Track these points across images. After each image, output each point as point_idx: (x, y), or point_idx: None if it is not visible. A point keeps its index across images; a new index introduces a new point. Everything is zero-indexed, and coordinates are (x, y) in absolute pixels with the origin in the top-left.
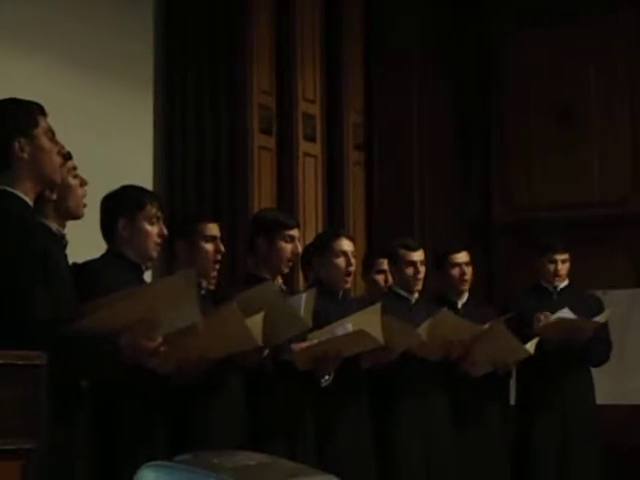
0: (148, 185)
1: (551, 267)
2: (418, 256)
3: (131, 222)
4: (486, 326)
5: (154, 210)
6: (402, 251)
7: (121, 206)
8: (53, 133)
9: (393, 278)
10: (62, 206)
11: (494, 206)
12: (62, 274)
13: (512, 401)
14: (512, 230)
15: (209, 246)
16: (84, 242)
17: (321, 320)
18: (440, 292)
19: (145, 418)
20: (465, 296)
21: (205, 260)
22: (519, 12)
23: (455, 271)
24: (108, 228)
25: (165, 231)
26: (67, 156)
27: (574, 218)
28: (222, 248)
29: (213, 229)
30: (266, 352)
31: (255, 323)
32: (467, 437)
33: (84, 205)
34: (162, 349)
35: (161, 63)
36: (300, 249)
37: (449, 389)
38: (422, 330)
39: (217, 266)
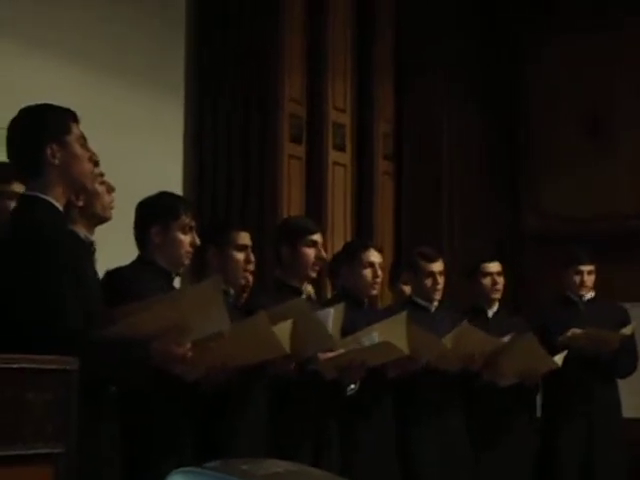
0: (178, 191)
1: (577, 278)
2: (437, 266)
3: (164, 230)
4: (506, 338)
5: (188, 220)
6: (421, 261)
7: (155, 214)
8: (85, 140)
9: (412, 288)
10: (89, 212)
11: (523, 217)
12: (91, 281)
13: (537, 413)
14: (541, 241)
15: (240, 255)
16: (114, 247)
17: (347, 329)
18: (471, 302)
19: (173, 425)
20: (496, 306)
21: (235, 269)
22: (548, 25)
23: (487, 281)
24: (141, 234)
25: (198, 241)
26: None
27: (602, 230)
28: (252, 258)
29: (245, 238)
30: (293, 364)
31: (283, 330)
32: (491, 449)
33: (111, 208)
34: (190, 355)
35: (192, 69)
36: (324, 254)
37: (470, 402)
38: (447, 340)
39: (248, 275)
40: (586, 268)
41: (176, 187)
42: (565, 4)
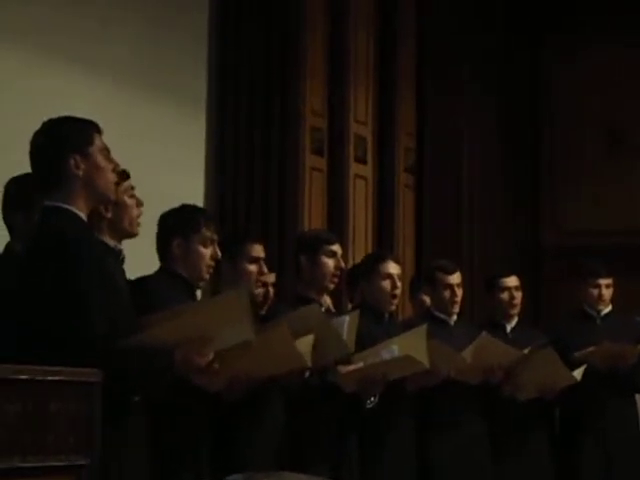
0: (199, 203)
1: (594, 292)
2: (455, 279)
3: (185, 243)
4: (526, 351)
5: (209, 233)
6: (439, 274)
7: (177, 226)
8: (108, 151)
9: (431, 300)
10: (117, 225)
11: (543, 231)
12: (120, 289)
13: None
14: (560, 255)
15: (252, 267)
16: (137, 258)
17: (366, 342)
18: (489, 316)
19: (192, 437)
20: (514, 320)
21: (248, 281)
22: (571, 40)
23: (505, 295)
24: (163, 246)
25: (219, 254)
26: (125, 175)
27: (621, 244)
28: (265, 269)
29: (258, 250)
30: (307, 374)
31: (305, 344)
32: (510, 463)
33: (138, 224)
34: (214, 366)
35: (214, 81)
36: (343, 264)
37: (489, 415)
38: (466, 354)
39: (260, 287)
40: (604, 282)
41: (198, 199)
42: (591, 19)
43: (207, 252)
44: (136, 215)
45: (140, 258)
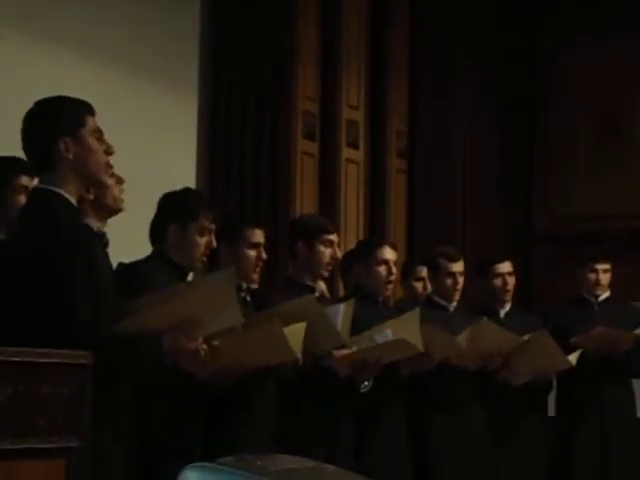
0: (190, 187)
1: (592, 277)
2: (458, 267)
3: (182, 230)
4: (526, 337)
5: (207, 222)
6: (443, 261)
7: (175, 212)
8: (101, 132)
9: (432, 286)
10: (100, 204)
11: (536, 216)
12: (104, 274)
13: (551, 412)
14: (553, 241)
15: (252, 252)
16: (126, 240)
17: (360, 327)
18: (482, 302)
19: (183, 420)
20: (507, 306)
21: (246, 266)
22: (567, 25)
23: (498, 281)
24: (158, 229)
25: (214, 243)
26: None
27: (615, 230)
28: (264, 255)
29: (258, 236)
30: (300, 362)
31: (296, 333)
32: (506, 449)
33: (122, 200)
34: (203, 351)
35: (206, 65)
36: (339, 254)
37: (486, 401)
38: (461, 339)
39: (257, 271)
40: (601, 267)
41: (189, 182)
42: (586, 5)
43: (203, 241)
44: (118, 192)
45: (128, 240)
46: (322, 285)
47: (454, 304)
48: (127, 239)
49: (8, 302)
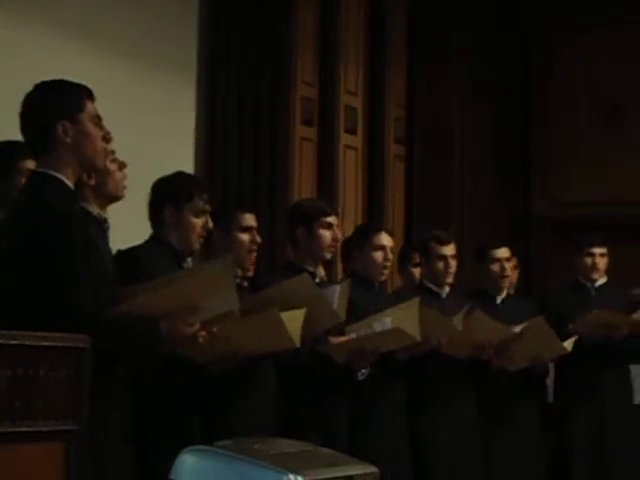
0: (189, 172)
1: (589, 261)
2: (449, 250)
3: (177, 212)
4: (517, 329)
5: (202, 203)
6: (433, 244)
7: (170, 194)
8: (99, 118)
9: (424, 271)
10: (102, 191)
11: (534, 201)
12: (103, 259)
13: (550, 398)
14: (551, 226)
15: (245, 236)
16: (126, 226)
17: (357, 312)
18: (479, 286)
19: (181, 405)
20: (505, 291)
21: (240, 250)
22: (567, 12)
23: (495, 267)
24: (155, 213)
25: (210, 225)
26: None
27: (614, 215)
28: (258, 239)
29: (249, 219)
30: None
31: (296, 319)
32: (502, 436)
33: (124, 187)
34: (200, 336)
35: (204, 52)
36: (340, 235)
37: (479, 389)
38: (457, 320)
39: (252, 256)
40: (598, 250)
41: (187, 168)
42: None
43: (198, 222)
44: (120, 178)
45: (129, 226)
46: (322, 271)
47: (446, 289)
48: (126, 226)
49: (6, 286)
